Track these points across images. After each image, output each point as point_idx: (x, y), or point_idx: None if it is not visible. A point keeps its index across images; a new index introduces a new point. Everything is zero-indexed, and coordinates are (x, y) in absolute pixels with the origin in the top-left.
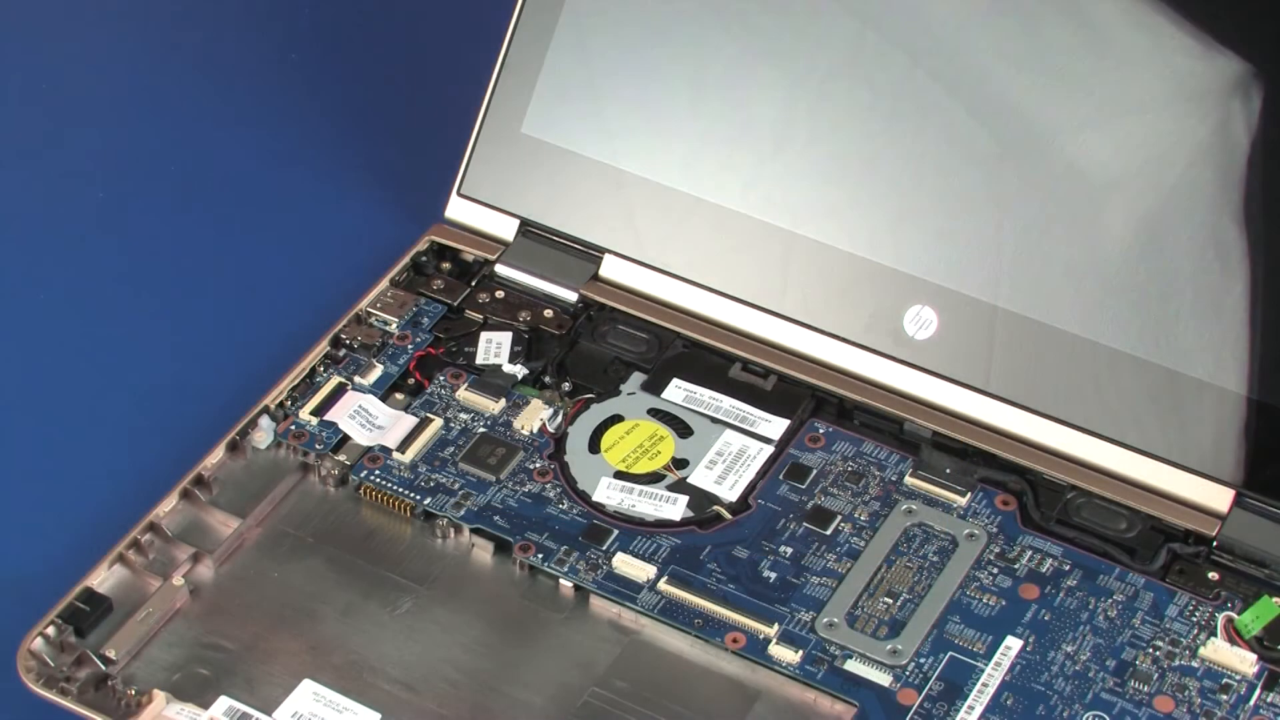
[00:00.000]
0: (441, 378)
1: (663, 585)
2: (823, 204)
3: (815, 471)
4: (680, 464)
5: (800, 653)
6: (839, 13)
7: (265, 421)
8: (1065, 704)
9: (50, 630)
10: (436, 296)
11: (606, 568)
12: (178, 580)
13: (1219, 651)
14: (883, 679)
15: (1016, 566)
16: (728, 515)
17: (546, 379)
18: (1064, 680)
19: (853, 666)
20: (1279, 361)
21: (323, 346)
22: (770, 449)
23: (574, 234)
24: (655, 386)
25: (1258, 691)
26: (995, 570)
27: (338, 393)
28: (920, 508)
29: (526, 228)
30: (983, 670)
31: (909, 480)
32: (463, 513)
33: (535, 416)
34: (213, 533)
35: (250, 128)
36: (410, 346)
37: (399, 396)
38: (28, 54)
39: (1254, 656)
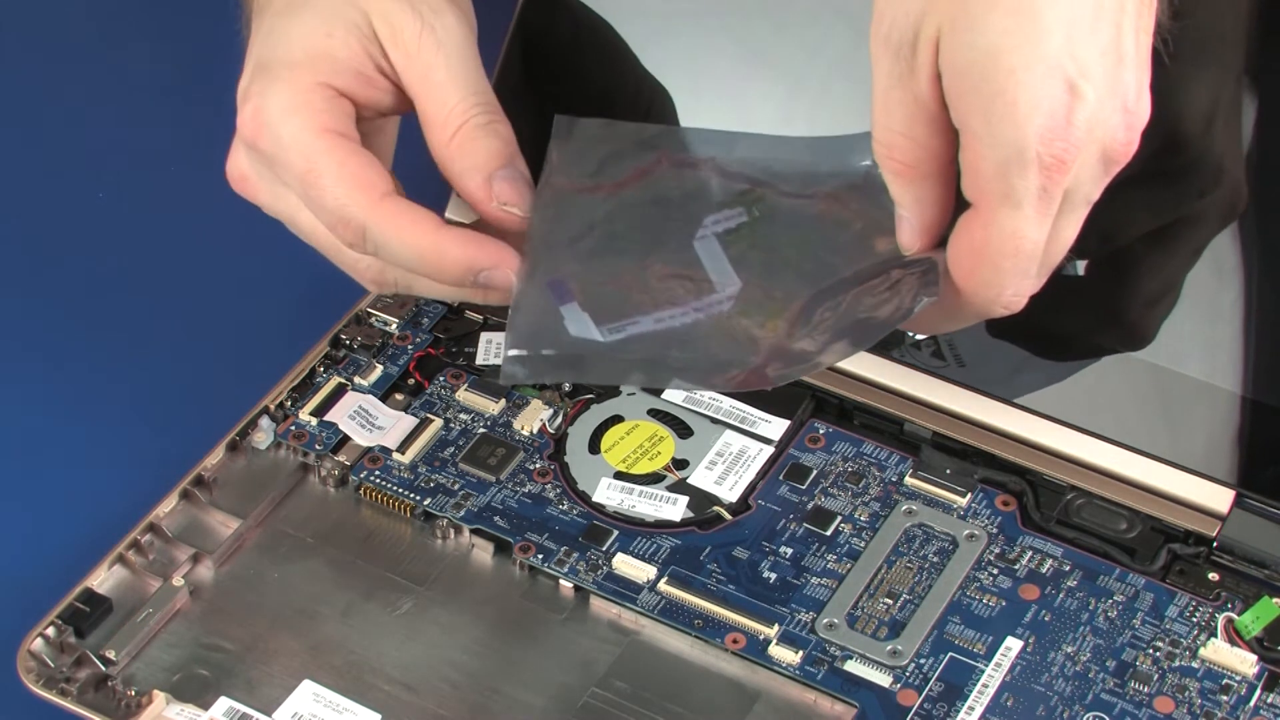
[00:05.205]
0: (441, 378)
1: (663, 586)
2: None
3: (815, 472)
4: (680, 464)
5: (800, 653)
6: (839, 12)
7: (265, 422)
8: (1065, 705)
9: (50, 631)
10: None
11: (606, 568)
12: (178, 581)
13: (1219, 652)
14: (883, 680)
15: (1016, 567)
16: (728, 516)
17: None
18: (1064, 681)
19: (853, 667)
20: (1278, 361)
21: (323, 346)
22: (770, 449)
23: None
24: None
25: (1258, 692)
26: (995, 571)
27: (338, 393)
28: (920, 508)
29: None
30: (983, 671)
31: (909, 481)
32: (463, 513)
33: (535, 417)
34: (213, 533)
35: None
36: (410, 347)
37: (399, 397)
38: (28, 53)
39: (1254, 657)
